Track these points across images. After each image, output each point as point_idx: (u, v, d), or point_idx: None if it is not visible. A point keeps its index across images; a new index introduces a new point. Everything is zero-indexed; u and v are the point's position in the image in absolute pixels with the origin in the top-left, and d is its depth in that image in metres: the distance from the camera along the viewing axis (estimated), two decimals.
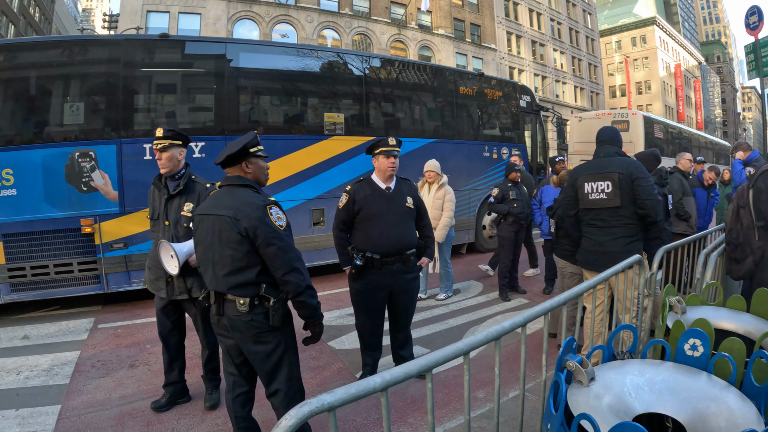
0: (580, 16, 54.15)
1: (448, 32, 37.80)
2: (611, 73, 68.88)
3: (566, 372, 2.24)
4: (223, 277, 2.89)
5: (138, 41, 8.06)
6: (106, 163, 7.05)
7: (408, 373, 1.79)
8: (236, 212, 2.83)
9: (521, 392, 2.50)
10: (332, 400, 1.54)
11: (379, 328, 4.59)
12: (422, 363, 1.84)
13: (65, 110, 7.26)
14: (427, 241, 4.67)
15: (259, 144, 3.09)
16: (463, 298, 7.55)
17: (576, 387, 2.20)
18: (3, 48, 7.01)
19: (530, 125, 12.37)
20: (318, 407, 1.49)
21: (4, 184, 6.68)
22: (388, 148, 4.38)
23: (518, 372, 2.48)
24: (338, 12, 33.30)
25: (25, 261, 6.79)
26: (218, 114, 7.93)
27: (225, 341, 3.09)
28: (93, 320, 6.83)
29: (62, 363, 5.37)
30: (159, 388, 4.48)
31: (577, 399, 2.11)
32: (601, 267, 3.65)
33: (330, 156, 8.62)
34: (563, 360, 2.26)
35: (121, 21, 27.70)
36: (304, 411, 1.45)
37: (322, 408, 1.50)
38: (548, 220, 6.74)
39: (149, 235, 6.73)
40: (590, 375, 2.21)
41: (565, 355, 2.27)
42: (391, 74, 9.88)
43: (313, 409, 1.47)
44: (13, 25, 40.91)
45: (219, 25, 29.09)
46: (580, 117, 21.10)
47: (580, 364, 2.21)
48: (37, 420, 4.16)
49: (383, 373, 1.73)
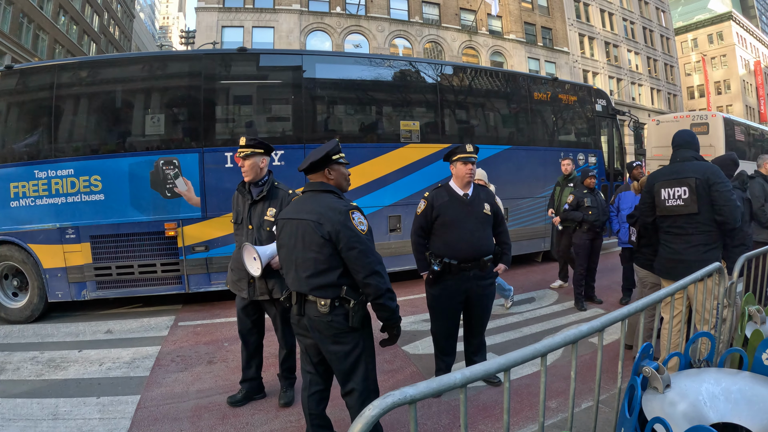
0: (653, 14, 51.70)
1: (519, 37, 37.11)
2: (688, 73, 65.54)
3: (642, 377, 2.21)
4: (306, 279, 2.99)
5: (217, 55, 8.44)
6: (189, 171, 7.41)
7: (488, 370, 1.81)
8: (320, 217, 2.93)
9: (595, 401, 2.45)
10: (414, 393, 1.57)
11: (454, 333, 4.60)
12: (501, 362, 1.85)
13: (151, 121, 7.72)
14: (504, 247, 4.65)
15: (340, 151, 3.17)
16: (538, 306, 7.41)
17: (651, 393, 2.19)
18: (128, 61, 7.55)
19: (606, 130, 12.00)
20: (400, 399, 1.53)
21: (92, 189, 7.19)
22: (466, 155, 4.40)
23: (592, 383, 2.44)
24: (408, 21, 33.40)
25: (111, 261, 7.26)
26: (296, 124, 8.15)
27: (304, 341, 3.19)
28: (173, 318, 7.18)
29: (143, 356, 5.67)
30: (235, 383, 4.66)
31: (652, 404, 2.12)
32: (678, 276, 3.49)
33: (406, 163, 8.64)
34: (640, 365, 2.22)
35: (197, 37, 29.03)
36: (387, 402, 1.49)
37: (404, 400, 1.54)
38: (627, 227, 6.53)
39: (229, 239, 7.12)
40: (666, 381, 2.20)
41: (641, 361, 2.24)
42: (465, 81, 9.83)
43: (396, 401, 1.51)
44: (95, 43, 43.53)
45: (292, 37, 29.88)
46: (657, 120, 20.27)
47: (656, 370, 2.18)
48: (117, 408, 4.41)
49: (463, 369, 1.75)
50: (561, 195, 8.25)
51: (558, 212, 8.10)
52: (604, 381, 4.15)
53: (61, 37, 35.67)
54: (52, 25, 34.05)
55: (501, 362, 1.85)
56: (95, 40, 43.36)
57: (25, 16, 30.41)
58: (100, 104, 7.70)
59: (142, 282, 7.39)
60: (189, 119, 7.81)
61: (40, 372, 5.30)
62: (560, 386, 4.49)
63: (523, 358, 1.92)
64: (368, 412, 1.46)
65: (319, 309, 2.96)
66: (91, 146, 7.47)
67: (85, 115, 7.63)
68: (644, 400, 2.13)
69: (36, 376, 5.21)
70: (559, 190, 8.41)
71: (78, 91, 7.61)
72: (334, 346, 3.01)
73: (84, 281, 7.25)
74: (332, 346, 3.01)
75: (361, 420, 1.46)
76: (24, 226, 7.13)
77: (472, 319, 4.58)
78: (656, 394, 2.16)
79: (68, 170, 7.15)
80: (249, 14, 29.71)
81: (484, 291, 4.48)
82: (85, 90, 7.64)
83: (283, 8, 30.12)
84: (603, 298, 7.68)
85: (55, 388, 4.88)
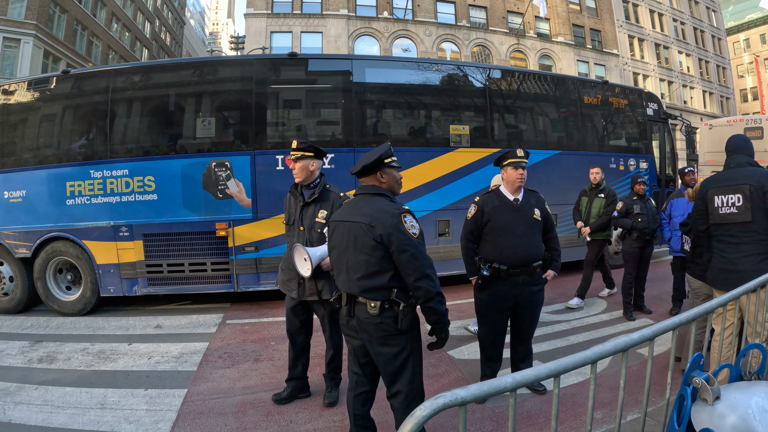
0: (704, 14, 49.98)
1: (567, 39, 36.54)
2: (741, 75, 63.03)
3: (692, 388, 2.17)
4: (356, 281, 3.01)
5: (268, 60, 8.59)
6: (241, 173, 7.56)
7: (538, 375, 1.82)
8: (372, 219, 2.95)
9: (643, 412, 2.41)
10: (465, 395, 1.58)
11: (501, 339, 4.57)
12: (552, 367, 1.84)
13: (203, 124, 7.92)
14: (554, 253, 4.60)
15: (392, 155, 3.20)
16: (586, 315, 7.25)
17: (700, 404, 2.15)
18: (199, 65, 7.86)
19: (658, 134, 11.68)
20: (451, 400, 1.54)
21: (146, 189, 7.43)
22: (517, 160, 4.37)
23: (639, 395, 2.39)
24: (456, 24, 33.37)
25: (163, 259, 7.47)
26: (345, 127, 8.21)
27: (352, 342, 3.20)
28: (222, 316, 7.33)
29: (191, 352, 5.81)
30: (281, 381, 4.70)
31: (701, 416, 2.08)
32: (731, 287, 3.33)
33: (455, 168, 8.58)
34: (690, 376, 2.17)
35: (246, 42, 29.83)
36: (438, 403, 1.51)
37: (455, 402, 1.55)
38: (679, 235, 6.34)
39: (279, 240, 7.25)
40: (715, 393, 2.15)
41: (692, 371, 2.19)
42: (513, 85, 9.72)
43: (447, 402, 1.53)
44: (147, 49, 44.95)
45: (340, 42, 30.25)
46: (710, 124, 19.69)
47: (706, 381, 2.13)
48: (164, 401, 4.54)
49: (514, 374, 1.76)
50: (590, 205, 7.97)
51: (587, 223, 7.86)
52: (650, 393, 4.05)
53: (114, 43, 36.96)
54: (105, 32, 35.33)
55: (551, 368, 1.84)
56: (147, 46, 44.79)
57: (79, 24, 31.64)
58: (154, 108, 7.96)
59: (192, 280, 7.58)
60: (240, 122, 7.98)
61: (90, 363, 5.51)
62: (606, 397, 4.40)
63: (573, 365, 1.91)
64: (419, 413, 1.48)
65: (368, 311, 2.98)
66: (145, 148, 7.74)
67: (139, 117, 7.90)
68: (693, 411, 2.11)
69: (86, 366, 5.41)
70: (587, 200, 8.07)
71: (132, 94, 7.89)
72: (382, 348, 3.02)
73: (135, 277, 7.48)
74: (380, 347, 3.02)
75: (411, 420, 1.47)
76: (79, 224, 7.42)
77: (520, 325, 4.54)
78: (705, 406, 2.12)
79: (123, 171, 7.40)
80: (297, 20, 30.24)
81: (533, 297, 4.43)
82: (139, 94, 7.92)
83: (330, 13, 30.54)
84: (653, 308, 7.46)
85: (104, 378, 5.07)
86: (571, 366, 1.89)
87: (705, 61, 48.97)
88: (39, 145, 7.82)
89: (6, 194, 7.51)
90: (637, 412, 2.60)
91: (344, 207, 3.29)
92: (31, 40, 26.05)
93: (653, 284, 8.50)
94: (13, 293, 7.67)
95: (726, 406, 2.10)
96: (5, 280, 7.67)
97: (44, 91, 7.87)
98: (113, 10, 36.81)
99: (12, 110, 7.98)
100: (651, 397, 4.04)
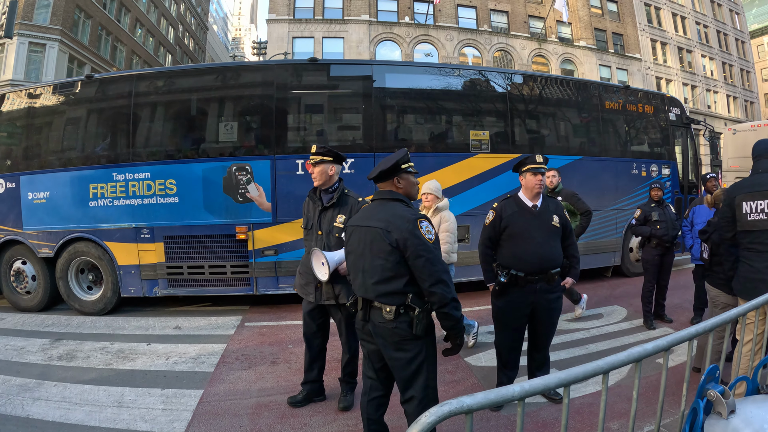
0: (727, 16, 48.92)
1: (589, 44, 36.17)
2: (765, 79, 61.69)
3: (706, 401, 2.12)
4: (372, 285, 3.02)
5: (289, 65, 8.69)
6: (261, 177, 7.61)
7: (547, 384, 1.80)
8: (387, 224, 2.96)
9: (657, 424, 2.37)
10: (471, 403, 1.59)
11: (518, 346, 4.53)
12: (561, 377, 1.83)
13: (225, 129, 8.02)
14: (572, 261, 4.56)
15: (409, 161, 3.21)
16: (606, 323, 7.14)
17: (714, 418, 2.10)
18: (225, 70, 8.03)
19: (681, 140, 11.49)
20: (457, 408, 1.55)
21: (168, 192, 7.54)
22: (536, 166, 4.34)
23: (654, 405, 2.35)
24: (477, 29, 33.28)
25: (183, 261, 7.57)
26: (366, 132, 8.21)
27: (367, 346, 3.22)
28: (240, 318, 7.38)
29: (209, 353, 5.86)
30: (297, 385, 4.73)
31: (714, 430, 2.03)
32: (758, 296, 3.28)
33: (475, 173, 8.53)
34: (705, 388, 2.12)
35: (269, 47, 30.09)
36: (443, 410, 1.52)
37: (461, 409, 1.56)
38: (699, 243, 6.23)
39: (298, 244, 7.28)
40: (731, 407, 2.09)
41: (707, 384, 2.13)
42: (535, 90, 9.64)
43: (453, 409, 1.54)
44: (170, 55, 45.70)
45: (362, 47, 30.38)
46: (734, 129, 19.31)
47: (721, 394, 2.08)
48: (180, 401, 4.59)
49: (522, 383, 1.75)
50: None
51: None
52: (668, 404, 3.99)
53: (138, 48, 37.57)
54: (129, 37, 35.94)
55: (561, 377, 1.82)
56: (171, 51, 45.47)
57: (104, 29, 32.25)
58: (176, 112, 8.09)
59: (212, 282, 7.65)
60: (261, 127, 8.04)
61: (108, 361, 5.60)
62: (623, 407, 4.33)
63: (584, 374, 1.89)
64: (424, 419, 1.49)
65: (384, 315, 2.98)
66: (167, 151, 7.83)
67: (162, 122, 8.03)
68: (707, 425, 2.07)
69: (105, 365, 5.50)
70: None
71: (155, 99, 8.03)
72: (396, 353, 3.02)
73: (156, 279, 7.58)
74: (395, 352, 3.02)
75: (416, 426, 1.49)
76: (101, 225, 7.56)
77: (537, 332, 4.49)
78: (719, 420, 2.07)
79: (145, 174, 7.52)
80: (319, 25, 30.42)
81: (551, 304, 4.38)
82: (162, 98, 8.05)
83: (352, 19, 30.68)
84: (674, 317, 7.32)
85: (122, 377, 5.14)
86: (582, 376, 1.87)
87: (729, 65, 48.05)
88: (63, 148, 8.00)
89: (30, 195, 7.68)
90: (653, 423, 2.55)
91: (361, 212, 3.31)
92: (56, 45, 26.63)
93: (675, 292, 8.34)
94: (35, 292, 7.82)
95: (741, 421, 2.05)
96: (28, 278, 7.83)
97: (68, 95, 8.03)
98: (137, 15, 37.41)
99: (37, 113, 8.15)
100: (670, 408, 3.99)
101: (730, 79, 47.59)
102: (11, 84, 23.15)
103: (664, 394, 2.31)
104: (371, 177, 3.19)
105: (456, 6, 33.21)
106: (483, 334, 6.44)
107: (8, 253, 7.93)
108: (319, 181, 4.23)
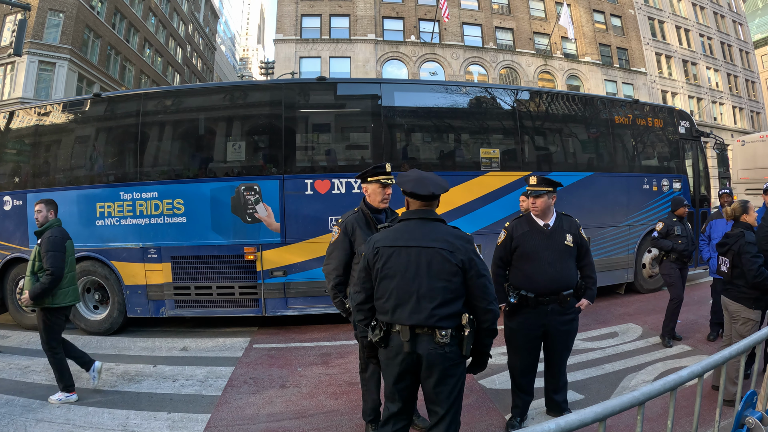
0: (731, 27, 49.02)
1: (594, 59, 36.33)
2: None
3: (746, 429, 2.00)
4: (432, 310, 2.87)
5: (297, 85, 8.67)
6: (270, 197, 7.54)
7: (583, 420, 1.73)
8: (449, 245, 2.92)
9: None
10: None
11: (532, 369, 4.40)
12: (597, 411, 1.77)
13: (232, 148, 7.98)
14: (588, 281, 4.40)
15: None
16: (621, 342, 6.98)
17: None
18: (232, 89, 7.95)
19: (691, 153, 11.39)
20: None
21: (175, 212, 7.49)
22: (530, 189, 4.26)
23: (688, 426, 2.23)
24: (482, 47, 33.55)
25: (190, 281, 7.49)
26: (375, 151, 8.12)
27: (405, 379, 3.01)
28: (249, 340, 7.26)
29: (216, 376, 5.76)
30: (307, 409, 4.68)
31: None
32: None
33: (486, 192, 8.41)
34: (743, 416, 2.01)
35: (276, 67, 30.37)
36: None
37: None
38: (716, 256, 6.11)
39: (308, 265, 7.28)
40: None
41: (744, 411, 2.02)
42: (543, 107, 9.58)
43: None
44: (179, 74, 46.24)
45: (368, 66, 30.69)
46: (742, 141, 19.21)
47: (760, 420, 1.96)
48: (186, 425, 4.49)
49: (558, 419, 1.69)
50: None
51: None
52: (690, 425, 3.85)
53: (146, 68, 37.96)
54: (137, 57, 36.33)
55: (597, 411, 1.77)
56: (179, 71, 45.98)
57: (113, 48, 32.62)
58: (184, 131, 8.07)
59: (219, 303, 7.56)
60: (270, 147, 8.02)
61: (114, 383, 5.52)
62: (657, 427, 4.17)
63: (621, 407, 1.82)
64: None
65: (437, 340, 2.86)
66: (174, 171, 7.81)
67: (170, 141, 8.01)
68: None
69: (110, 386, 5.42)
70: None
71: (163, 118, 8.01)
72: (445, 379, 2.91)
73: (163, 299, 7.51)
74: (444, 378, 2.90)
75: None
76: (108, 244, 7.52)
77: (552, 355, 4.38)
78: None
79: (152, 193, 7.48)
80: (326, 45, 30.79)
81: (564, 327, 4.25)
82: (170, 117, 8.05)
83: (358, 38, 31.03)
84: (688, 334, 7.19)
85: (127, 400, 5.06)
86: (618, 408, 1.80)
87: (734, 76, 48.02)
88: (70, 166, 7.99)
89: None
90: None
91: (395, 232, 3.09)
92: (65, 64, 26.92)
93: (689, 308, 8.23)
94: None
95: None
96: None
97: (77, 114, 8.04)
98: (146, 35, 37.83)
99: (45, 131, 8.17)
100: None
101: (735, 90, 47.55)
102: (21, 102, 23.39)
103: (698, 422, 2.21)
104: (427, 193, 3.05)
105: (461, 24, 33.53)
106: (496, 355, 6.30)
107: (14, 270, 7.87)
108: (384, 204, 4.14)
